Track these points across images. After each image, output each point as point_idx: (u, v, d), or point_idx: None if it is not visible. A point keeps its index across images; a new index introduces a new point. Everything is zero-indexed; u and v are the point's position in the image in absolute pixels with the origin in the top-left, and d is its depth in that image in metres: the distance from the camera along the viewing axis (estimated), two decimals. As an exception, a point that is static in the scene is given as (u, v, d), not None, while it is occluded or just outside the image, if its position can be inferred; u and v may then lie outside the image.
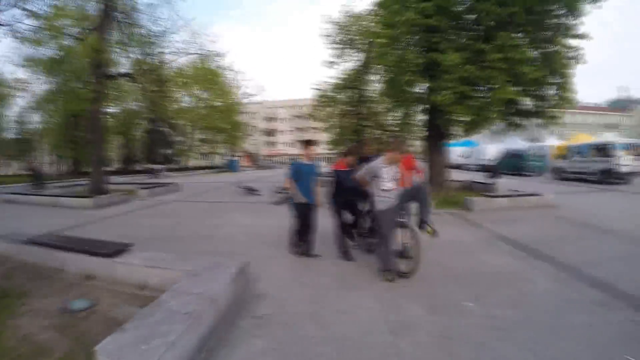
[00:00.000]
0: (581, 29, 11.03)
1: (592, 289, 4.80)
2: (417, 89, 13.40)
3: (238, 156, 52.83)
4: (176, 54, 18.28)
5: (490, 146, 32.92)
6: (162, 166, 38.09)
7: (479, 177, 18.17)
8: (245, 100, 48.20)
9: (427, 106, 13.29)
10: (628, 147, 19.25)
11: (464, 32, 11.94)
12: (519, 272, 5.51)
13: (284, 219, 9.48)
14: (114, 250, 4.99)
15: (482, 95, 11.17)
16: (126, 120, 41.66)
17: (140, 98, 25.18)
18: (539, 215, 10.16)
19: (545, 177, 24.78)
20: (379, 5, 13.95)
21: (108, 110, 27.33)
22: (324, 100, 25.92)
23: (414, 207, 5.28)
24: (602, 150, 19.64)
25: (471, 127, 12.35)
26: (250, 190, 16.43)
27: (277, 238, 7.61)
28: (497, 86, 10.43)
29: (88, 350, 3.05)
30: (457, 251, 6.53)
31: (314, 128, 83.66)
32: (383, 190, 5.04)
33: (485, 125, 12.58)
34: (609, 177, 18.67)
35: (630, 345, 3.43)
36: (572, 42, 11.26)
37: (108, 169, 27.12)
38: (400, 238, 5.20)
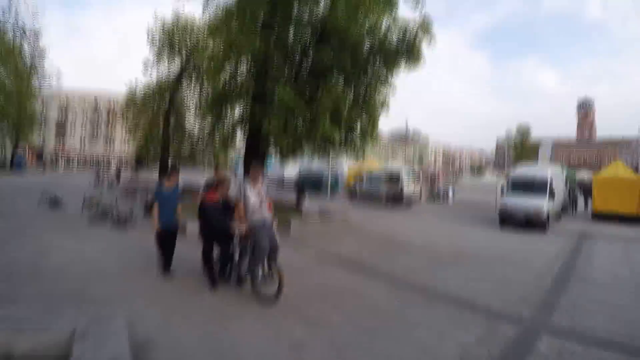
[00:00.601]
0: (392, 83, 14.13)
1: (415, 293, 6.52)
2: (241, 111, 14.61)
3: (22, 153, 44.04)
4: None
5: (290, 166, 36.22)
6: None
7: (283, 194, 20.34)
8: (40, 86, 40.61)
9: (249, 128, 14.52)
10: (411, 175, 24.61)
11: (298, 67, 13.76)
12: (356, 284, 6.92)
13: (114, 244, 9.27)
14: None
15: (304, 127, 12.84)
16: None
17: None
18: (350, 234, 12.47)
19: (340, 197, 28.84)
20: (221, 21, 14.40)
21: None
22: (134, 102, 24.87)
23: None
24: (391, 177, 24.33)
25: (289, 153, 13.95)
26: (55, 202, 14.75)
27: (120, 268, 7.33)
28: (320, 122, 12.20)
29: None
30: (295, 271, 7.15)
31: (111, 125, 76.46)
32: (254, 209, 5.84)
33: (301, 151, 14.40)
34: (397, 199, 23.29)
35: (456, 329, 5.01)
36: (383, 90, 14.24)
37: None
38: (266, 264, 5.85)
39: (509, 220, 15.27)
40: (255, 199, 5.92)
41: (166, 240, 6.67)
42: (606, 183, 19.18)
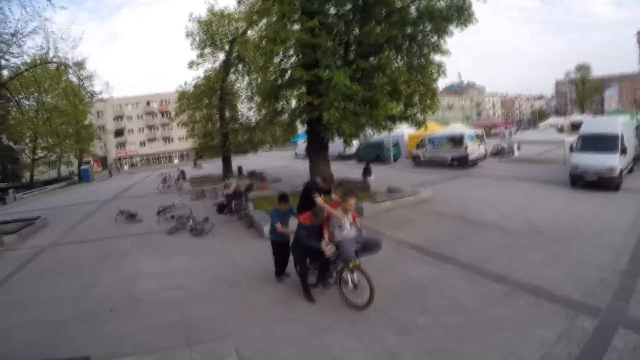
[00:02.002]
0: (444, 47, 13.74)
1: (496, 284, 6.81)
2: (298, 101, 15.12)
3: (87, 162, 49.58)
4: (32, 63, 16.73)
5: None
6: (12, 189, 33.53)
7: (345, 169, 20.83)
8: (91, 100, 44.77)
9: (307, 116, 14.79)
10: (474, 137, 24.30)
11: (346, 48, 13.84)
12: (437, 279, 7.30)
13: (197, 259, 9.88)
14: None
15: (365, 110, 13.07)
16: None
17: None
18: (422, 214, 12.69)
19: (403, 163, 28.99)
20: (258, 13, 14.85)
21: None
22: (186, 103, 26.11)
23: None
24: (454, 140, 24.18)
25: (352, 137, 14.30)
26: (131, 216, 15.60)
27: (210, 285, 7.98)
28: (380, 102, 12.34)
29: None
30: (377, 266, 7.41)
31: (166, 125, 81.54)
32: (343, 231, 6.42)
33: (363, 131, 14.68)
34: (462, 163, 23.19)
35: (537, 325, 5.33)
36: (437, 58, 14.00)
37: None
38: (355, 277, 6.43)
39: (579, 179, 14.89)
40: (347, 225, 6.49)
41: (281, 250, 7.72)
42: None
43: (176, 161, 75.72)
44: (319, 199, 6.81)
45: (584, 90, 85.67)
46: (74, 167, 50.09)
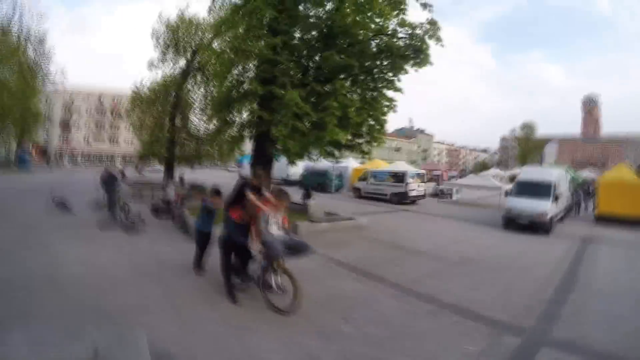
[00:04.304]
0: (398, 84, 14.09)
1: (423, 302, 6.78)
2: (249, 114, 15.07)
3: (26, 148, 45.78)
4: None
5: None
6: None
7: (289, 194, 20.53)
8: (44, 85, 41.50)
9: (256, 131, 14.76)
10: (416, 175, 24.99)
11: (304, 70, 13.98)
12: (365, 294, 7.18)
13: (125, 253, 9.30)
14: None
15: (312, 131, 13.01)
16: None
17: None
18: (357, 238, 12.65)
19: (345, 194, 29.24)
20: (228, 22, 14.66)
21: None
22: (139, 102, 25.22)
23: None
24: (396, 176, 24.77)
25: (297, 156, 14.19)
26: (64, 207, 14.70)
27: (134, 276, 7.53)
28: (328, 127, 12.35)
29: None
30: (306, 279, 7.12)
31: (114, 125, 78.27)
32: (270, 232, 6.19)
33: (309, 154, 14.61)
34: (402, 199, 23.65)
35: (461, 340, 5.30)
36: (390, 93, 14.38)
37: None
38: (279, 279, 6.24)
39: (513, 222, 15.48)
40: (275, 226, 6.35)
41: (203, 240, 7.96)
42: (610, 186, 19.44)
43: (118, 165, 72.53)
44: (251, 195, 6.57)
45: (527, 148, 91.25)
46: (13, 151, 45.17)
